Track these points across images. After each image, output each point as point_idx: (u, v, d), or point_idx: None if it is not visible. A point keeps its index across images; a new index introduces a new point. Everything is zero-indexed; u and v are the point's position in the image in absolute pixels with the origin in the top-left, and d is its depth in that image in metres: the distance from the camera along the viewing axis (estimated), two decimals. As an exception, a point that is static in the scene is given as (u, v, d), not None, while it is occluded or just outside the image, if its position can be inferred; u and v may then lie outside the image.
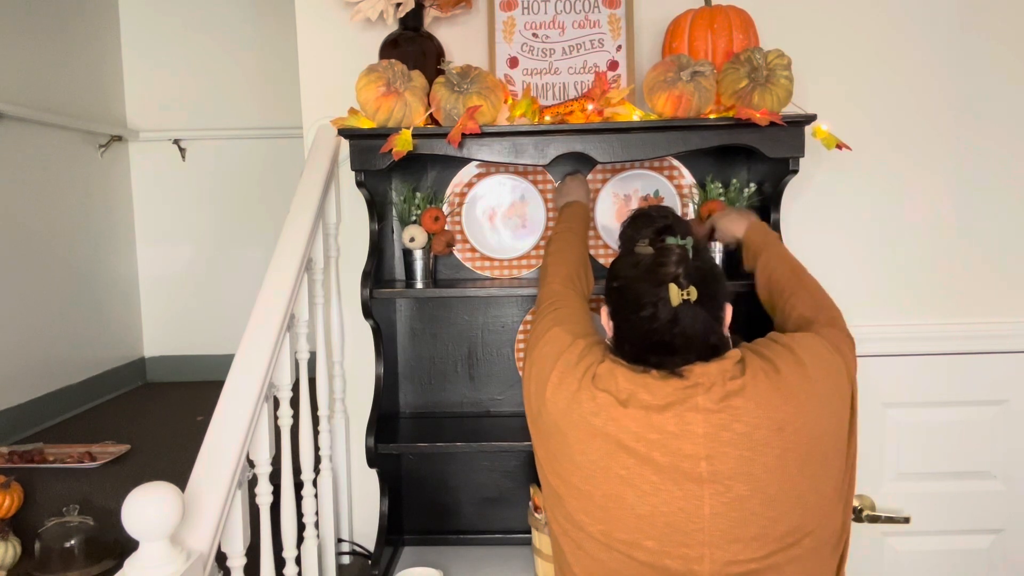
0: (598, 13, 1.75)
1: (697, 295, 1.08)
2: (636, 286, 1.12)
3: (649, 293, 1.10)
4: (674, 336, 1.09)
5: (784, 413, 1.07)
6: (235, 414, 1.22)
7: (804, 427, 1.07)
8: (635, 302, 1.11)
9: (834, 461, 1.11)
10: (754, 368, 1.10)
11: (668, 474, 1.05)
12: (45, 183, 2.73)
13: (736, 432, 1.05)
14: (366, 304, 1.63)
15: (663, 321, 1.09)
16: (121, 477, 1.95)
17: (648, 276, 1.11)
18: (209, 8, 3.23)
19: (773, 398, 1.07)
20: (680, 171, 1.82)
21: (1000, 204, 1.86)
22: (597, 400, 1.10)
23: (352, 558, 1.84)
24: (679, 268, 1.10)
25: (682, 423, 1.06)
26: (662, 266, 1.11)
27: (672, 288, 1.08)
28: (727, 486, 1.04)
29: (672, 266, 1.10)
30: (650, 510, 1.06)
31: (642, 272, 1.12)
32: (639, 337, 1.12)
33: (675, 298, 1.08)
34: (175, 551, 0.97)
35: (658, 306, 1.09)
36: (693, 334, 1.10)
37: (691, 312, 1.09)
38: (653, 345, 1.11)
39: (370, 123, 1.55)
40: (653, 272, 1.11)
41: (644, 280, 1.12)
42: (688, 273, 1.10)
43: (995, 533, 1.91)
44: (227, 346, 1.62)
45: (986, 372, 1.87)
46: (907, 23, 1.82)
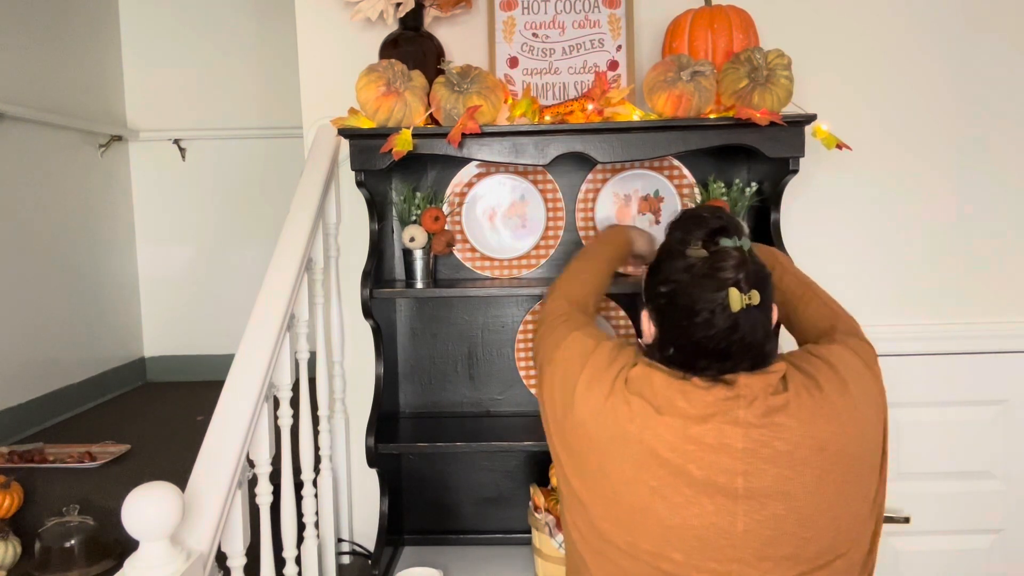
0: (598, 13, 1.75)
1: (759, 299, 1.03)
2: (690, 291, 1.05)
3: (706, 299, 1.03)
4: (732, 343, 1.03)
5: (826, 433, 1.03)
6: (235, 414, 1.22)
7: (845, 448, 1.04)
8: (689, 308, 1.04)
9: (869, 480, 1.08)
10: (797, 384, 1.06)
11: (702, 487, 1.01)
12: (45, 183, 2.73)
13: (776, 450, 1.01)
14: (366, 304, 1.63)
15: (721, 328, 1.03)
16: (121, 477, 1.95)
17: (705, 281, 1.04)
18: (209, 8, 3.22)
19: (816, 417, 1.04)
20: (680, 171, 1.82)
21: (1001, 204, 1.86)
22: (632, 405, 1.05)
23: (352, 558, 1.84)
24: (739, 273, 1.03)
25: (721, 436, 1.02)
26: (721, 270, 1.04)
27: (733, 293, 1.02)
28: (762, 503, 1.01)
29: (731, 270, 1.03)
30: (680, 522, 1.02)
31: (697, 276, 1.05)
32: (692, 344, 1.05)
33: (736, 304, 1.01)
34: (175, 551, 0.97)
35: (715, 312, 1.02)
36: (752, 341, 1.04)
37: (751, 318, 1.03)
38: (707, 352, 1.05)
39: (370, 123, 1.55)
40: (710, 277, 1.04)
41: (699, 285, 1.05)
42: (748, 277, 1.04)
43: (995, 533, 1.91)
44: (227, 346, 1.62)
45: (986, 372, 1.87)
46: (908, 22, 1.82)
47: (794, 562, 1.02)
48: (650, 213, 1.82)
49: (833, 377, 1.09)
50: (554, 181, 1.84)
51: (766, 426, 1.02)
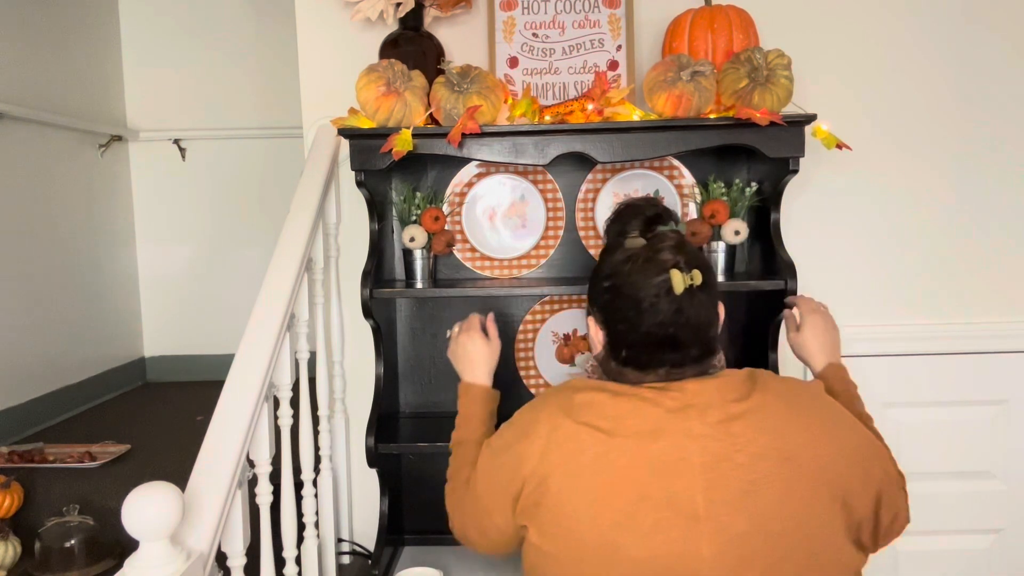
0: (598, 13, 1.75)
1: (701, 280, 1.02)
2: (633, 280, 1.04)
3: (648, 285, 1.02)
4: (679, 328, 1.02)
5: (796, 443, 0.97)
6: (235, 414, 1.22)
7: (818, 462, 0.97)
8: (633, 297, 1.04)
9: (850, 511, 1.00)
10: (768, 391, 1.01)
11: (665, 511, 0.95)
12: (45, 183, 2.73)
13: (736, 462, 0.95)
14: (366, 304, 1.63)
15: (667, 313, 1.01)
16: (121, 477, 1.95)
17: (646, 267, 1.04)
18: (209, 8, 3.22)
19: (785, 425, 0.98)
20: (680, 171, 1.82)
21: (1001, 204, 1.86)
22: (580, 437, 1.00)
23: (352, 558, 1.84)
24: (678, 255, 1.04)
25: (678, 452, 0.96)
26: (659, 252, 1.04)
27: (675, 275, 1.01)
28: (726, 523, 0.94)
29: (670, 252, 1.04)
30: (647, 554, 0.95)
31: (638, 264, 1.05)
32: (640, 337, 1.04)
33: (679, 285, 1.00)
34: (175, 551, 0.97)
35: (660, 297, 1.02)
36: (698, 324, 1.03)
37: (695, 300, 1.03)
38: (658, 343, 1.03)
39: (370, 123, 1.55)
40: (651, 261, 1.04)
41: (641, 272, 1.04)
42: (688, 259, 1.04)
43: (995, 533, 1.91)
44: (227, 346, 1.62)
45: (986, 372, 1.87)
46: (908, 22, 1.82)
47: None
48: (650, 213, 1.82)
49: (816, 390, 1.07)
50: (554, 181, 1.84)
51: (723, 436, 0.97)
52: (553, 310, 1.87)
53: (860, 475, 1.02)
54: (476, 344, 1.44)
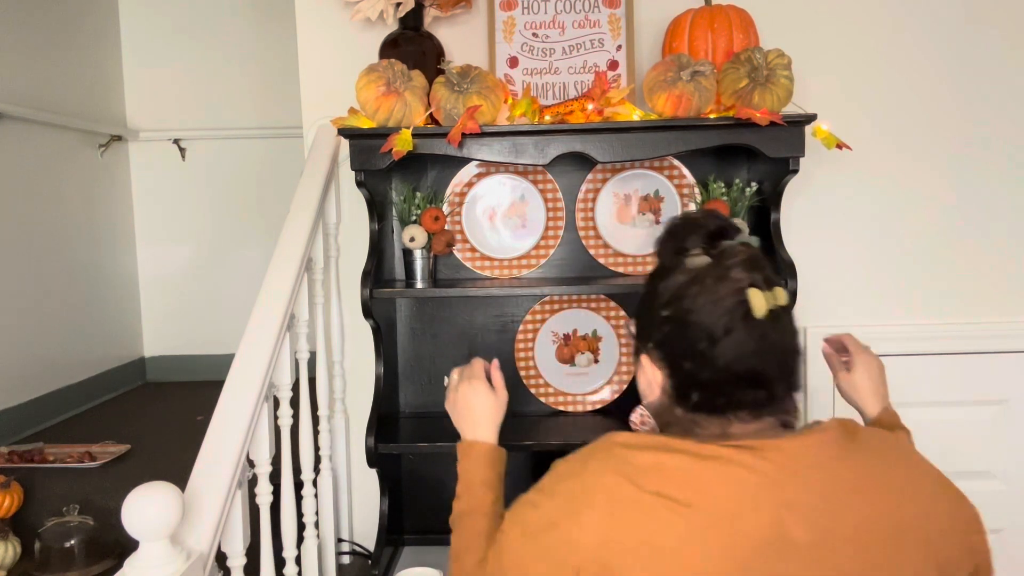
0: (598, 13, 1.75)
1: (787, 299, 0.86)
2: (701, 304, 0.86)
3: (722, 309, 0.85)
4: (764, 359, 0.85)
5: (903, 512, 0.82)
6: (235, 414, 1.22)
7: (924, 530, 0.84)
8: (702, 326, 0.85)
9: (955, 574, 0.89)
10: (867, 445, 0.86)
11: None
12: (45, 183, 2.73)
13: (844, 537, 0.79)
14: (366, 304, 1.63)
15: (747, 342, 0.84)
16: (121, 477, 1.95)
17: (716, 288, 0.86)
18: (209, 8, 3.22)
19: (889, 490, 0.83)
20: (680, 171, 1.82)
21: (1001, 204, 1.86)
22: (655, 513, 0.80)
23: (352, 558, 1.84)
24: (754, 271, 0.86)
25: (779, 528, 0.78)
26: (730, 270, 0.86)
27: (755, 294, 0.84)
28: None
29: (743, 269, 0.86)
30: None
31: (708, 285, 0.86)
32: (715, 374, 0.86)
33: (760, 306, 0.84)
34: (175, 551, 0.97)
35: (737, 324, 0.84)
36: (784, 352, 0.87)
37: (780, 323, 0.86)
38: (737, 380, 0.85)
39: (370, 123, 1.55)
40: (722, 281, 0.86)
41: (711, 294, 0.86)
42: (768, 277, 0.87)
43: (995, 533, 1.89)
44: (227, 346, 1.62)
45: (986, 372, 1.87)
46: (908, 22, 1.82)
47: None
48: (650, 213, 1.82)
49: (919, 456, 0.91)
50: (554, 181, 1.84)
51: (829, 507, 0.80)
52: (553, 310, 1.86)
53: (967, 548, 0.93)
54: (480, 396, 1.27)
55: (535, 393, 1.87)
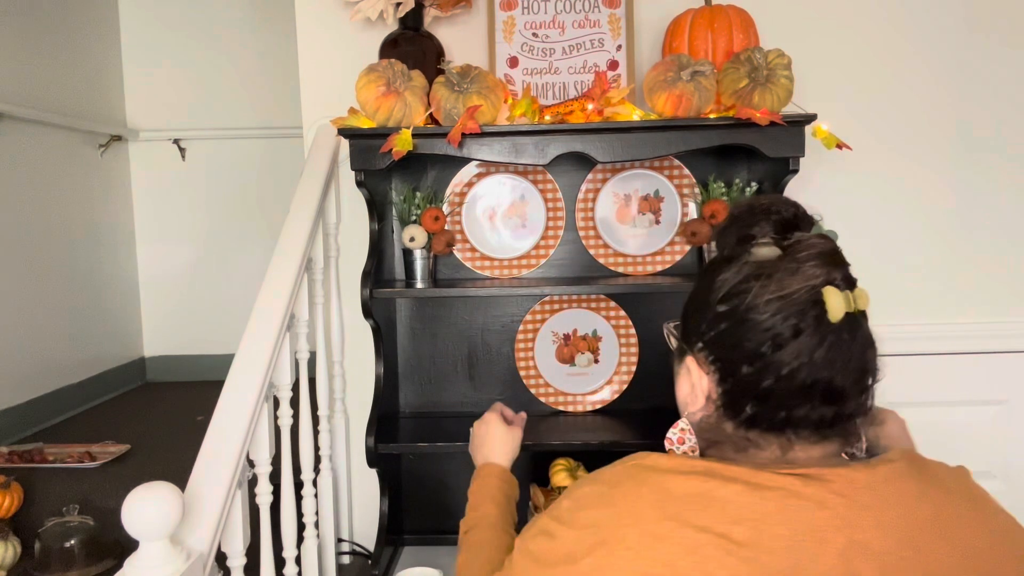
0: (598, 13, 1.75)
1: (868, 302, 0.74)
2: (767, 302, 0.73)
3: (791, 310, 0.72)
4: (837, 370, 0.72)
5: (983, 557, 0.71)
6: (235, 414, 1.22)
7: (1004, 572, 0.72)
8: (766, 327, 0.72)
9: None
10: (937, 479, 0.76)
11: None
12: (45, 183, 2.73)
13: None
14: (366, 304, 1.63)
15: (820, 349, 0.71)
16: (121, 477, 1.95)
17: (786, 284, 0.73)
18: (209, 8, 3.23)
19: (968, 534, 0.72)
20: (680, 171, 1.82)
21: (1000, 204, 1.86)
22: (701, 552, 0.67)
23: (352, 558, 1.84)
24: (833, 269, 0.74)
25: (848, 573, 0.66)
26: (804, 264, 0.73)
27: (831, 293, 0.71)
28: None
29: (820, 265, 0.73)
30: None
31: (776, 281, 0.73)
32: (778, 384, 0.73)
33: (837, 308, 0.71)
34: (175, 551, 0.97)
35: (807, 325, 0.72)
36: (863, 363, 0.74)
37: (855, 330, 0.73)
38: (803, 392, 0.72)
39: (370, 123, 1.55)
40: (794, 276, 0.73)
41: (779, 291, 0.73)
42: (847, 274, 0.75)
43: (995, 533, 1.91)
44: (227, 346, 1.62)
45: (986, 372, 1.87)
46: (908, 22, 1.82)
47: None
48: (650, 213, 1.82)
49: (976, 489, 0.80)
50: (554, 181, 1.84)
51: (908, 552, 0.68)
52: (553, 310, 1.86)
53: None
54: (492, 428, 1.25)
55: (535, 393, 1.87)
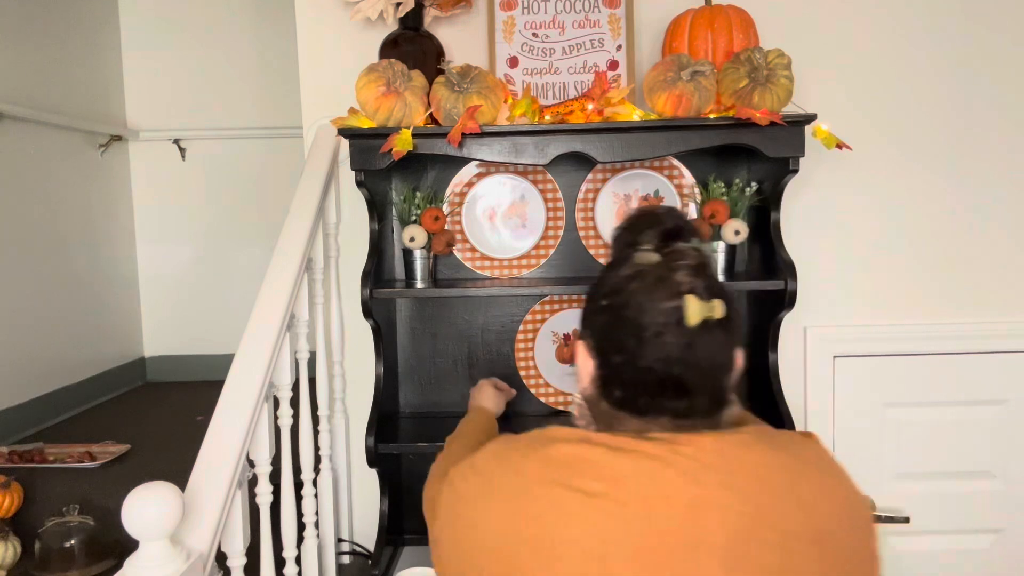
0: (598, 13, 1.75)
1: (723, 312, 0.82)
2: (637, 301, 0.84)
3: (656, 310, 0.82)
4: (688, 368, 0.82)
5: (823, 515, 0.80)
6: (235, 414, 1.22)
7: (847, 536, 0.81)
8: (635, 323, 0.83)
9: None
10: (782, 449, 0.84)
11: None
12: (45, 183, 2.73)
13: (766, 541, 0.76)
14: (366, 304, 1.63)
15: (674, 347, 0.82)
16: (121, 477, 1.95)
17: (656, 287, 0.84)
18: (209, 8, 3.22)
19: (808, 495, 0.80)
20: (680, 171, 1.82)
21: (1000, 204, 1.86)
22: (563, 503, 0.78)
23: (352, 558, 1.84)
24: (698, 278, 0.84)
25: (692, 529, 0.76)
26: (674, 272, 0.84)
27: (691, 301, 0.81)
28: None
29: (688, 274, 0.84)
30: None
31: (649, 283, 0.84)
32: (639, 374, 0.84)
33: (694, 314, 0.81)
34: (175, 551, 0.97)
35: (668, 327, 0.82)
36: (710, 366, 0.83)
37: (710, 337, 0.83)
38: (659, 384, 0.83)
39: (370, 123, 1.55)
40: (663, 282, 0.84)
41: (649, 293, 0.84)
42: (710, 285, 0.84)
43: (995, 533, 1.91)
44: (227, 346, 1.62)
45: (986, 372, 1.87)
46: (908, 23, 1.82)
47: None
48: (650, 213, 1.82)
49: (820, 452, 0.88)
50: (554, 181, 1.84)
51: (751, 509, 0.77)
52: (553, 310, 1.86)
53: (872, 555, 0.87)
54: (486, 389, 1.61)
55: (535, 393, 1.87)
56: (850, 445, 1.88)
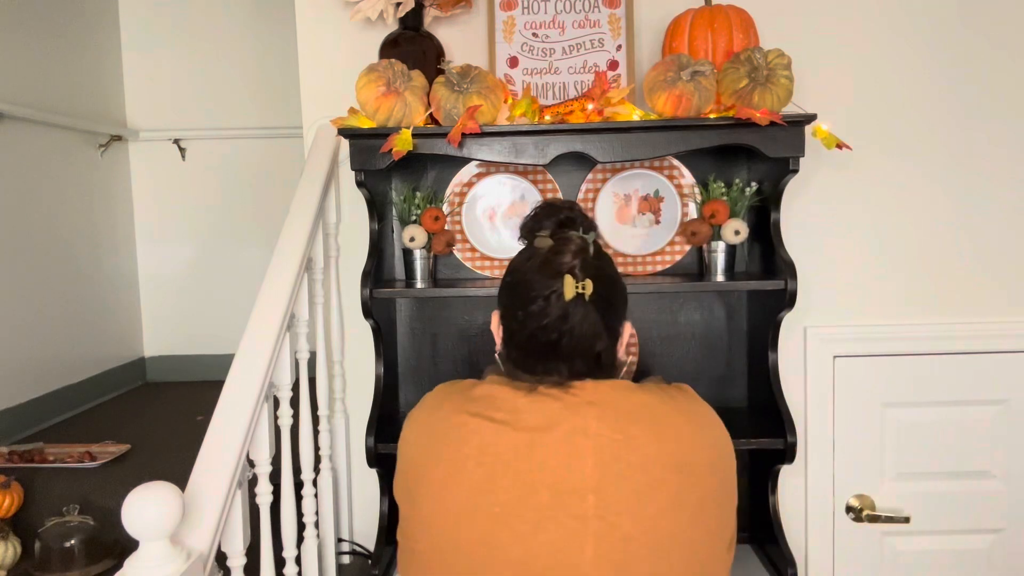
0: (598, 13, 1.75)
1: (592, 291, 1.00)
2: (529, 278, 1.03)
3: (542, 285, 1.01)
4: (562, 334, 1.00)
5: (685, 451, 0.96)
6: (235, 414, 1.22)
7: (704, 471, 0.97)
8: (525, 296, 1.02)
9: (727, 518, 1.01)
10: (653, 398, 1.01)
11: (549, 510, 0.92)
12: (45, 183, 2.73)
13: (630, 464, 0.93)
14: (366, 304, 1.63)
15: (553, 317, 1.00)
16: (121, 477, 1.95)
17: (543, 267, 1.03)
18: (209, 8, 3.22)
19: (675, 432, 0.97)
20: (680, 171, 1.82)
21: (1000, 203, 1.86)
22: (468, 425, 0.98)
23: (352, 558, 1.84)
24: (576, 260, 1.02)
25: (571, 449, 0.94)
26: (559, 254, 1.03)
27: (567, 280, 0.99)
28: (613, 524, 0.91)
29: (569, 256, 1.02)
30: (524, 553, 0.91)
31: (537, 263, 1.04)
32: (527, 338, 1.03)
33: (568, 290, 0.99)
34: (175, 551, 0.97)
35: (550, 300, 1.00)
36: (581, 334, 1.01)
37: (583, 310, 1.00)
38: (541, 347, 1.02)
39: (370, 123, 1.55)
40: (549, 263, 1.03)
41: (538, 271, 1.03)
42: (585, 267, 1.02)
43: (995, 533, 1.91)
44: (227, 346, 1.62)
45: (986, 372, 1.87)
46: (908, 23, 1.82)
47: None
48: (650, 213, 1.82)
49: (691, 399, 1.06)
50: (554, 181, 1.84)
51: (620, 437, 0.94)
52: (553, 310, 1.86)
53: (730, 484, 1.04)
54: None
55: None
56: (850, 445, 1.88)
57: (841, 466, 1.88)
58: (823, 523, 1.90)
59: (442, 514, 0.96)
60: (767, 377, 1.68)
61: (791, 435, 1.62)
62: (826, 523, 1.90)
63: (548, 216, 1.12)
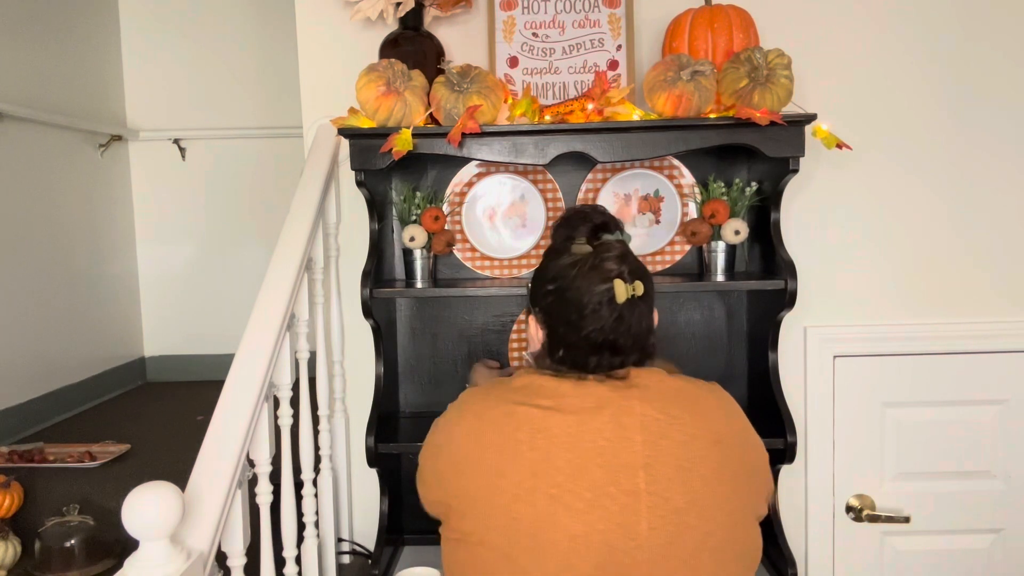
0: (598, 13, 1.75)
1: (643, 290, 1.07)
2: (577, 285, 1.09)
3: (592, 292, 1.07)
4: (619, 335, 1.07)
5: (721, 427, 1.07)
6: (235, 414, 1.22)
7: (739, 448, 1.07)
8: (576, 302, 1.08)
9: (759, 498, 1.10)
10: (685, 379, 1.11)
11: (603, 488, 0.99)
12: (45, 183, 2.73)
13: (675, 440, 1.02)
14: (366, 304, 1.63)
15: (608, 320, 1.07)
16: (121, 477, 1.95)
17: (591, 274, 1.08)
18: (209, 8, 3.22)
19: (710, 411, 1.08)
20: (680, 170, 1.82)
21: (1000, 203, 1.86)
22: (516, 413, 1.04)
23: (352, 558, 1.84)
24: (623, 265, 1.08)
25: (620, 430, 1.01)
26: (604, 261, 1.09)
27: (618, 284, 1.06)
28: (665, 498, 0.99)
29: (615, 262, 1.08)
30: (585, 529, 0.98)
31: (584, 271, 1.09)
32: (581, 339, 1.08)
33: (621, 294, 1.06)
34: (175, 551, 0.97)
35: (602, 304, 1.07)
36: (639, 332, 1.09)
37: (636, 311, 1.08)
38: (597, 347, 1.08)
39: (370, 122, 1.55)
40: (596, 269, 1.08)
41: (586, 279, 1.08)
42: (632, 269, 1.09)
43: (995, 533, 1.91)
44: (227, 346, 1.62)
45: (986, 372, 1.87)
46: (907, 23, 1.82)
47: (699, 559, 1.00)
48: (650, 212, 1.82)
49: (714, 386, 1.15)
50: (554, 181, 1.84)
51: (662, 416, 1.03)
52: (553, 310, 1.86)
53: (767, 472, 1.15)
54: (479, 369, 1.75)
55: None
56: (850, 445, 1.88)
57: (841, 466, 1.88)
58: (823, 523, 1.90)
59: (498, 498, 1.01)
60: (767, 377, 1.68)
61: (791, 435, 1.62)
62: (826, 523, 1.90)
63: (582, 222, 1.18)
